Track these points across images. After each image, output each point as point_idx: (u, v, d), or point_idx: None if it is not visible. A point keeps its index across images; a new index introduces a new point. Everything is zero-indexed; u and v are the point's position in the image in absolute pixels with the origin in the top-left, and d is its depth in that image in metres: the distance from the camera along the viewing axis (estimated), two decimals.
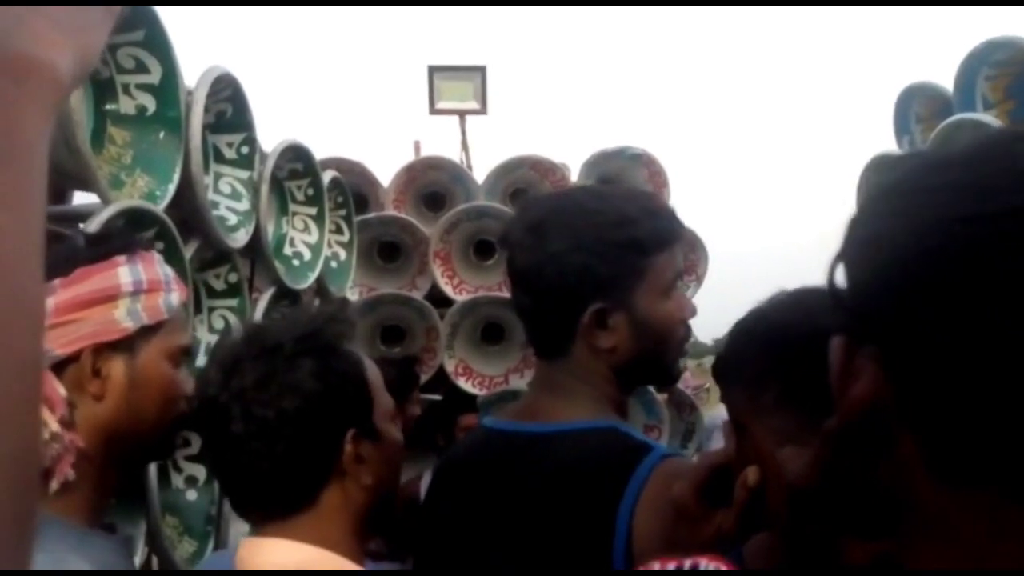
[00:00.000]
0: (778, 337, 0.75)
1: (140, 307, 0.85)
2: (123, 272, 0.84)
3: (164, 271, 0.91)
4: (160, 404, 0.87)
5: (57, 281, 0.80)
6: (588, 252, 1.01)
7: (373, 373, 0.93)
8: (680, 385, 3.71)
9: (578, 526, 0.93)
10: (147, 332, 0.86)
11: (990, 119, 2.05)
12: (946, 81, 2.40)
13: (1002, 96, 2.24)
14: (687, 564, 0.58)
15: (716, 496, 0.78)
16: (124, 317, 0.84)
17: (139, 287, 0.85)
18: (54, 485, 0.76)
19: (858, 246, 0.44)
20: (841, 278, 0.46)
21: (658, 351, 1.06)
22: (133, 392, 0.84)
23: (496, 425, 1.09)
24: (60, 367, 0.80)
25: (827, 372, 0.71)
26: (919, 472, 0.41)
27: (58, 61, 0.39)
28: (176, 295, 0.90)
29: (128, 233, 1.04)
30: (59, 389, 0.78)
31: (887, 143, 2.72)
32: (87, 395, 0.81)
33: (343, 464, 0.87)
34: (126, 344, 0.84)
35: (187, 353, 0.92)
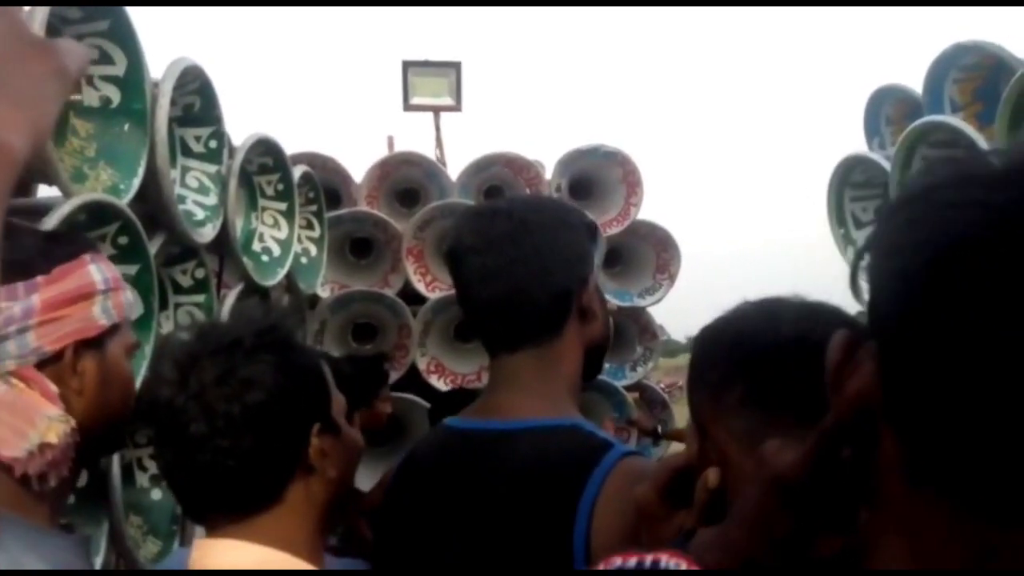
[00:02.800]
0: (741, 341, 0.76)
1: (111, 305, 0.87)
2: (93, 270, 0.85)
3: (113, 269, 0.92)
4: (123, 399, 0.88)
5: (40, 278, 0.80)
6: (571, 229, 1.05)
7: (326, 369, 0.94)
8: (652, 383, 3.73)
9: (538, 524, 0.93)
10: (112, 329, 0.87)
11: (958, 122, 2.08)
12: (916, 84, 2.42)
13: (970, 99, 2.27)
14: (648, 560, 0.58)
15: (678, 497, 0.78)
16: (100, 314, 0.85)
17: (107, 285, 0.87)
18: (53, 481, 0.77)
19: (878, 245, 0.45)
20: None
21: (608, 332, 1.11)
22: (104, 388, 0.85)
23: (458, 424, 1.08)
24: (40, 365, 0.80)
25: (790, 377, 0.71)
26: (895, 471, 0.42)
27: (14, 140, 0.41)
28: (131, 292, 0.92)
29: (77, 231, 1.04)
30: (51, 386, 0.79)
31: (858, 144, 2.75)
32: (70, 391, 0.81)
33: (309, 459, 0.87)
34: (99, 341, 0.85)
35: (137, 348, 0.94)
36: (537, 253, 1.02)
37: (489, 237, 1.04)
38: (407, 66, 3.48)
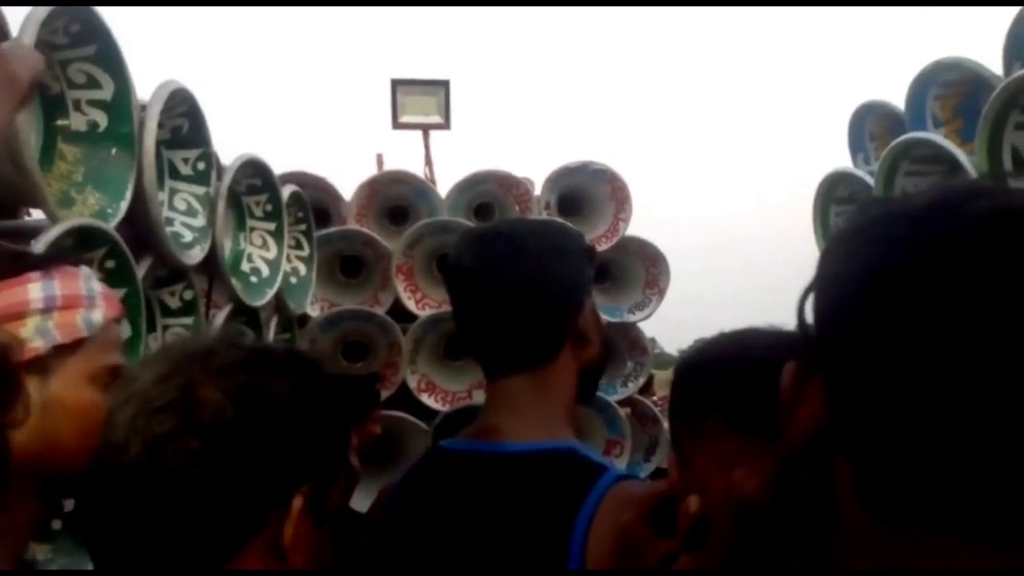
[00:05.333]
0: (718, 369, 0.79)
1: (52, 325, 0.78)
2: (34, 288, 0.78)
3: (90, 287, 0.83)
4: (79, 431, 0.79)
5: None
6: (570, 254, 1.07)
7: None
8: (643, 397, 3.73)
9: (533, 548, 0.93)
10: (63, 352, 0.78)
11: (940, 138, 2.10)
12: (898, 100, 2.45)
13: (951, 115, 2.30)
14: None
15: (662, 524, 0.80)
16: (33, 335, 0.77)
17: (51, 303, 0.78)
18: None
19: (820, 281, 0.48)
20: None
21: (605, 354, 1.12)
22: (45, 417, 0.76)
23: (453, 446, 1.08)
24: None
25: (766, 401, 0.73)
26: (849, 496, 0.44)
27: None
28: (100, 312, 0.83)
29: (68, 249, 0.96)
30: None
31: (843, 159, 2.77)
32: (3, 422, 0.73)
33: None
34: (38, 365, 0.77)
35: (117, 374, 0.84)
36: (535, 277, 1.02)
37: (488, 260, 1.04)
38: (396, 84, 3.50)
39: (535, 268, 1.02)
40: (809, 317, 0.49)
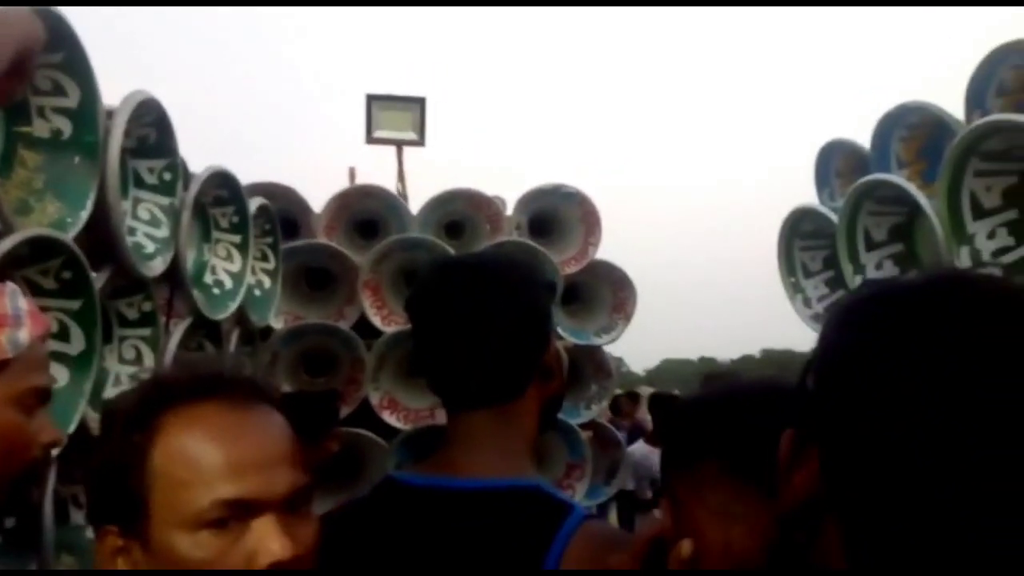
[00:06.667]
0: (712, 415, 0.81)
1: None
2: None
3: (15, 305, 0.81)
4: (2, 454, 0.78)
5: None
6: (538, 288, 1.08)
7: None
8: (603, 420, 3.74)
9: None
10: None
11: (903, 181, 2.14)
12: (864, 139, 2.50)
13: (914, 156, 2.35)
14: None
15: (653, 567, 0.81)
16: None
17: None
18: None
19: (817, 357, 0.53)
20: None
21: (565, 387, 1.14)
22: None
23: (409, 479, 1.06)
24: None
25: (760, 448, 0.77)
26: (838, 555, 0.50)
27: None
28: (26, 331, 0.80)
29: None
30: None
31: (808, 195, 2.81)
32: None
33: None
34: None
35: (43, 396, 0.83)
36: (507, 313, 1.01)
37: (457, 293, 1.02)
38: (371, 100, 3.50)
39: (508, 303, 1.02)
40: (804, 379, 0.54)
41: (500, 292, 1.02)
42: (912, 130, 2.29)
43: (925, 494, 0.44)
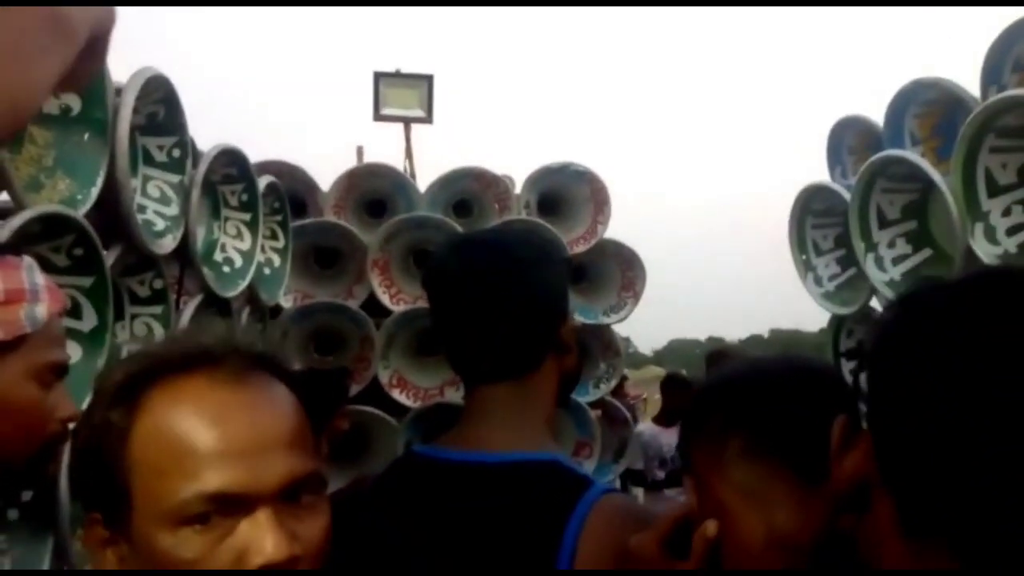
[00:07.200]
0: (740, 395, 0.81)
1: None
2: None
3: (33, 280, 0.81)
4: (21, 428, 0.77)
5: None
6: (554, 265, 1.08)
7: None
8: (615, 399, 3.75)
9: (519, 561, 0.92)
10: (4, 349, 0.76)
11: (916, 157, 2.12)
12: (877, 116, 2.47)
13: (929, 133, 2.32)
14: None
15: (678, 547, 0.81)
16: None
17: None
18: None
19: (874, 353, 0.56)
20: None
21: (581, 363, 1.15)
22: None
23: (430, 452, 1.06)
24: None
25: (787, 426, 0.77)
26: (890, 527, 0.53)
27: None
28: (43, 307, 0.80)
29: (8, 242, 0.92)
30: None
31: (821, 171, 2.79)
32: None
33: None
34: None
35: (60, 371, 0.81)
36: (524, 287, 1.02)
37: (475, 268, 1.04)
38: (379, 77, 3.47)
39: (523, 278, 1.03)
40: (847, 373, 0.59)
41: (516, 267, 1.03)
42: (927, 106, 2.27)
43: (987, 477, 0.47)
